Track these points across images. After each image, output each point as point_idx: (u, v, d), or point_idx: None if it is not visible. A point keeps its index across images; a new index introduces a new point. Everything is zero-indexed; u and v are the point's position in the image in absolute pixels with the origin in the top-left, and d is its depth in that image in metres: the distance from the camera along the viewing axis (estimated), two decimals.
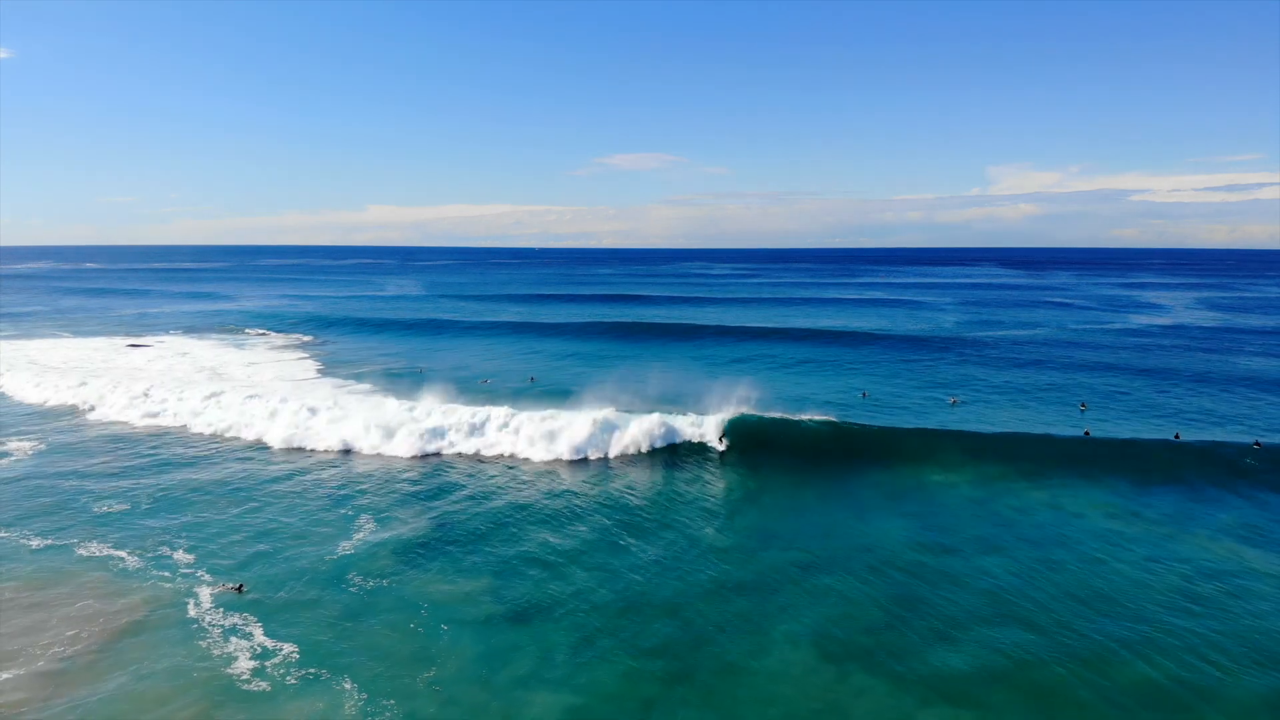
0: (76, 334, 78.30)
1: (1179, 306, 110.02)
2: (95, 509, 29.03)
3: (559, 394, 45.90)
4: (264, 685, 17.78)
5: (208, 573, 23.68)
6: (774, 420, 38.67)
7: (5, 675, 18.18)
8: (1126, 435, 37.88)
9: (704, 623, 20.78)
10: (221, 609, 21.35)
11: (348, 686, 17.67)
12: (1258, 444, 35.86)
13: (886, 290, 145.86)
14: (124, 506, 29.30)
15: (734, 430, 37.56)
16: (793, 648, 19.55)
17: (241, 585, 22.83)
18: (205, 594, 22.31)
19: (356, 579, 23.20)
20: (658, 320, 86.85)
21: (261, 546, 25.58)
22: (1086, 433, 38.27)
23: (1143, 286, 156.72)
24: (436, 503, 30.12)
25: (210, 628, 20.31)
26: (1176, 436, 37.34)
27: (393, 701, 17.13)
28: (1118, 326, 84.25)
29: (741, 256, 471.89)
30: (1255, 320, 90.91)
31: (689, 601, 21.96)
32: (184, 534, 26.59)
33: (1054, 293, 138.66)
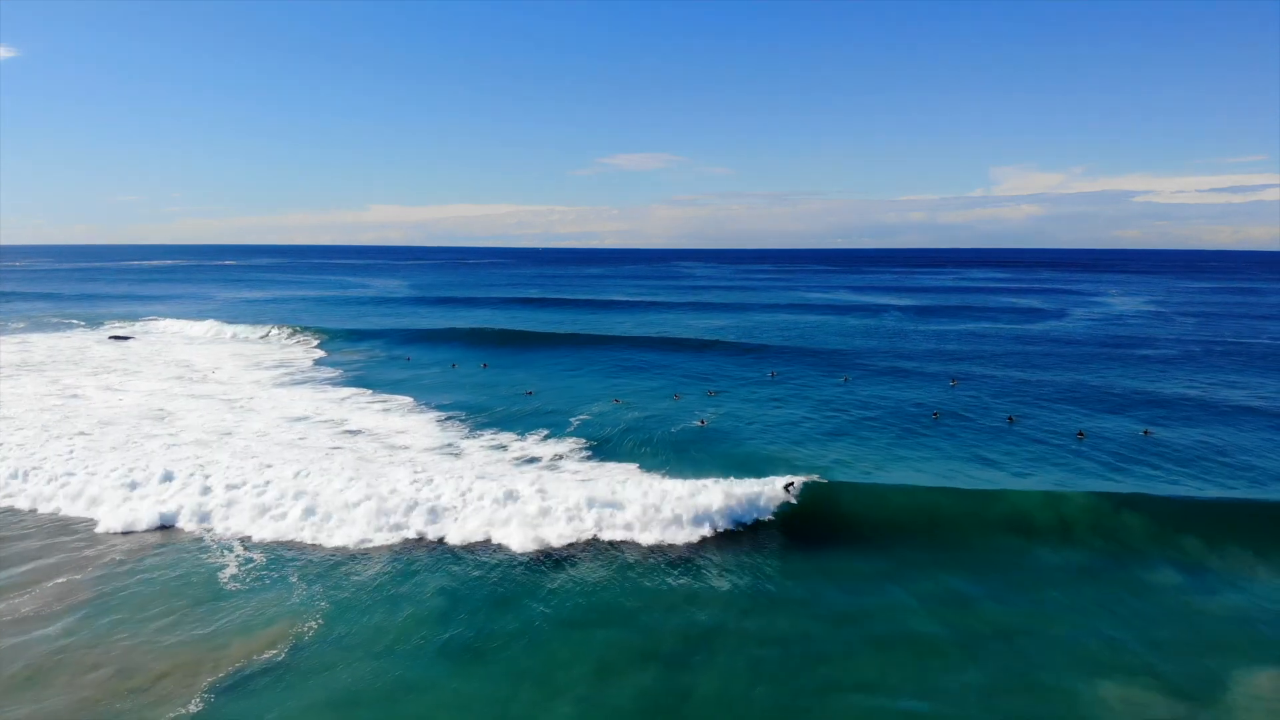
0: (56, 328, 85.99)
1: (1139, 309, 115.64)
2: None
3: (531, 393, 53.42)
4: (238, 586, 25.53)
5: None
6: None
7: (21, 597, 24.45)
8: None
9: None
10: (213, 529, 29.65)
11: (295, 580, 25.76)
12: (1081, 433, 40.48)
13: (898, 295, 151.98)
14: None
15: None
16: None
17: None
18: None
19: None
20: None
21: None
22: (935, 415, 44.70)
23: (1130, 289, 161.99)
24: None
25: (211, 545, 28.58)
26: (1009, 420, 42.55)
27: (320, 588, 25.19)
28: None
29: (741, 257, 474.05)
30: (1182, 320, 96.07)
31: None
32: None
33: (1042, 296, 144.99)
